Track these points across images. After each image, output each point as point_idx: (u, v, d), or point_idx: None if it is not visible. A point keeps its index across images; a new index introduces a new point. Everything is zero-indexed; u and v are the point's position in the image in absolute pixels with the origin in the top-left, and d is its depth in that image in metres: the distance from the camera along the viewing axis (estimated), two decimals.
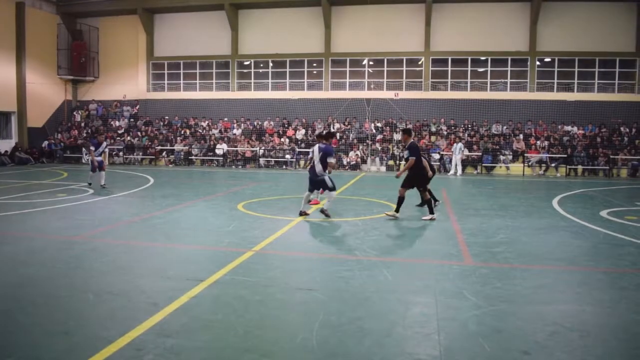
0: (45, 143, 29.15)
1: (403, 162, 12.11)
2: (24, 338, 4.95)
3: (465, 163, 25.15)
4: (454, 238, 9.46)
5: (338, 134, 26.54)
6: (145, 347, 4.65)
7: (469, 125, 27.39)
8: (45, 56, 30.18)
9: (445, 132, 26.97)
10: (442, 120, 27.81)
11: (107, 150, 21.49)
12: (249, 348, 4.68)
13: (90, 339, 4.90)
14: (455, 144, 24.32)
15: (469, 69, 28.39)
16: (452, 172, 23.99)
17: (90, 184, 17.16)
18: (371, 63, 29.62)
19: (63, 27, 31.39)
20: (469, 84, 28.38)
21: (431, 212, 11.36)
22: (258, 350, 4.62)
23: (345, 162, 25.79)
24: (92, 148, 17.28)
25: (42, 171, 23.25)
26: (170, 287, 6.43)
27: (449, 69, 28.67)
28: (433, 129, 27.53)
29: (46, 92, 30.40)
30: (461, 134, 26.48)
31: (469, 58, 28.34)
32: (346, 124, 28.14)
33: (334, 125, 27.90)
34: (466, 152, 24.84)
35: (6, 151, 27.05)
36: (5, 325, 5.32)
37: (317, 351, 4.61)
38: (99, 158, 17.16)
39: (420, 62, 28.88)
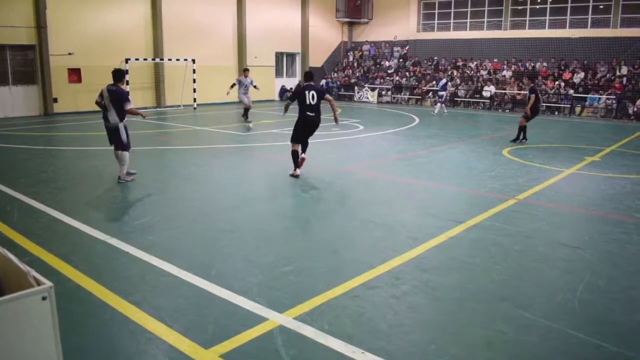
0: (323, 81, 31.91)
1: None
2: (301, 251, 5.70)
3: None
4: None
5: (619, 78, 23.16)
6: (403, 277, 4.94)
7: None
8: (326, 1, 32.50)
9: None
10: None
11: (448, 86, 24.45)
12: (504, 296, 4.61)
13: (355, 261, 5.41)
14: None
15: None
16: None
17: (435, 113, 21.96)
18: None
19: None
20: None
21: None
22: (513, 301, 4.52)
23: (630, 111, 22.54)
24: (434, 83, 23.84)
25: (324, 107, 25.55)
26: (430, 225, 6.63)
27: None
28: None
29: (325, 34, 32.93)
30: None
31: None
32: (636, 67, 24.35)
33: (620, 68, 24.38)
34: None
35: (291, 88, 30.51)
36: (290, 238, 6.18)
37: (579, 314, 4.31)
38: (442, 92, 22.14)
39: None
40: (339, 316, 4.16)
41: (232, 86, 17.32)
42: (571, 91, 24.17)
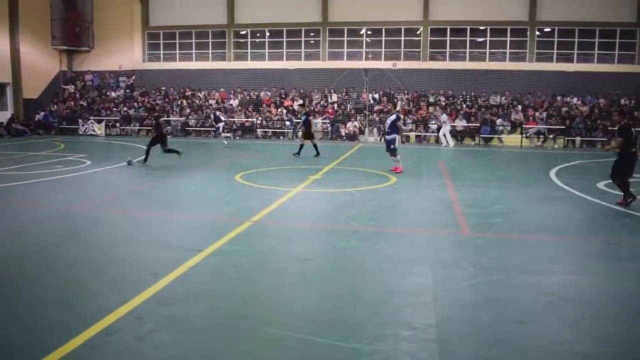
0: (41, 114, 28.83)
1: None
2: (24, 308, 4.99)
3: (463, 134, 25.17)
4: (451, 209, 9.50)
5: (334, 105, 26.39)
6: (145, 316, 4.70)
7: (467, 96, 27.22)
8: (39, 26, 29.66)
9: (443, 103, 26.84)
10: (441, 91, 27.60)
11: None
12: (247, 316, 4.74)
13: (90, 307, 4.95)
14: (441, 115, 24.53)
15: (468, 38, 28.03)
16: (443, 144, 23.85)
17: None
18: (369, 33, 29.28)
19: None
20: (467, 54, 28.07)
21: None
22: (256, 318, 4.68)
23: (343, 133, 25.73)
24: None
25: (39, 143, 23.14)
26: (170, 257, 6.47)
27: (448, 38, 28.35)
28: (431, 99, 27.38)
29: (41, 63, 30.02)
30: (459, 105, 26.37)
31: (468, 27, 27.98)
32: (344, 94, 27.97)
33: (331, 95, 27.72)
34: (451, 123, 24.63)
35: (2, 123, 26.81)
36: (6, 295, 5.36)
37: (315, 319, 4.68)
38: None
39: (418, 32, 28.54)
40: None
41: None
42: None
